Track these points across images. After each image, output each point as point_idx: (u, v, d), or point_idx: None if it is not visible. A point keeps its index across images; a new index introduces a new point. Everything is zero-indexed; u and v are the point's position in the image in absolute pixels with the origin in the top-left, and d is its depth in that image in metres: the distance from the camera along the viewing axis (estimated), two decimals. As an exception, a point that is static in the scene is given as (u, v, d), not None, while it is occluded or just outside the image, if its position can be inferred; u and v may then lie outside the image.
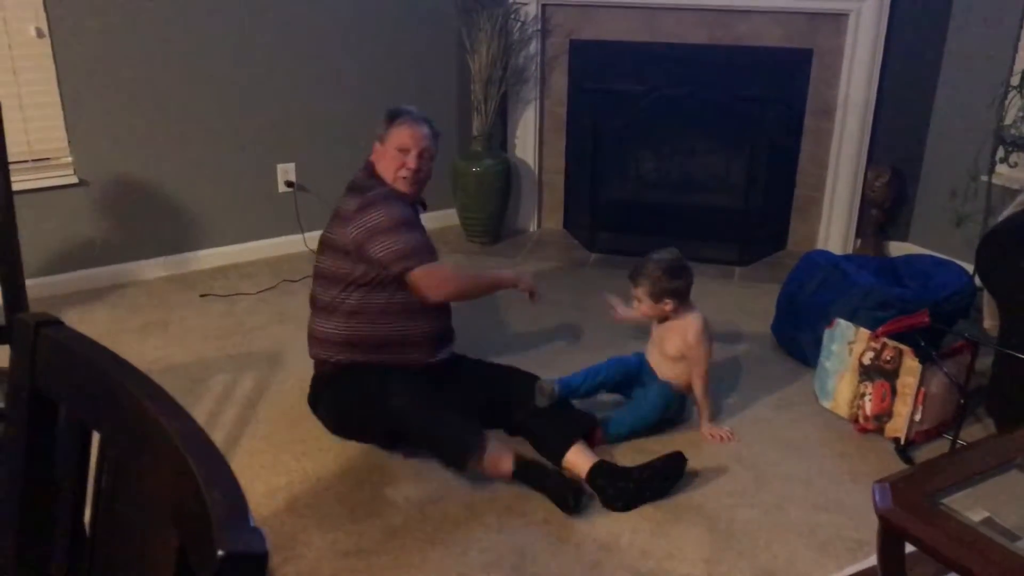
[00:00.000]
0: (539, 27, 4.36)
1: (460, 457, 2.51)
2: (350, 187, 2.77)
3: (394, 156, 2.73)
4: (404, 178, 2.73)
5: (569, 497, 2.44)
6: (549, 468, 2.56)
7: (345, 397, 2.71)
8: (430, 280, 2.67)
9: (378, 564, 2.26)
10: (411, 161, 2.73)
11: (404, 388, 2.57)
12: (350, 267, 2.68)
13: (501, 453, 2.52)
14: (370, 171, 2.78)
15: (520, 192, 4.67)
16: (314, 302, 2.79)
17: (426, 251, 2.68)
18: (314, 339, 2.79)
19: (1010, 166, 3.70)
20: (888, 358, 2.78)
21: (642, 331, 3.19)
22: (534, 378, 2.74)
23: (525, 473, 2.52)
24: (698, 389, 2.85)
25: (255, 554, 0.73)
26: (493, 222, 4.51)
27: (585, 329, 3.58)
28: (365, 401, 2.63)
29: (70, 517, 1.06)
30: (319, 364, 2.80)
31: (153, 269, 4.00)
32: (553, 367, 3.09)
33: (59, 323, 1.07)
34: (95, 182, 3.77)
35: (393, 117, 2.80)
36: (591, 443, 2.66)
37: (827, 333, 3.00)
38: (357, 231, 2.64)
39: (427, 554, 2.30)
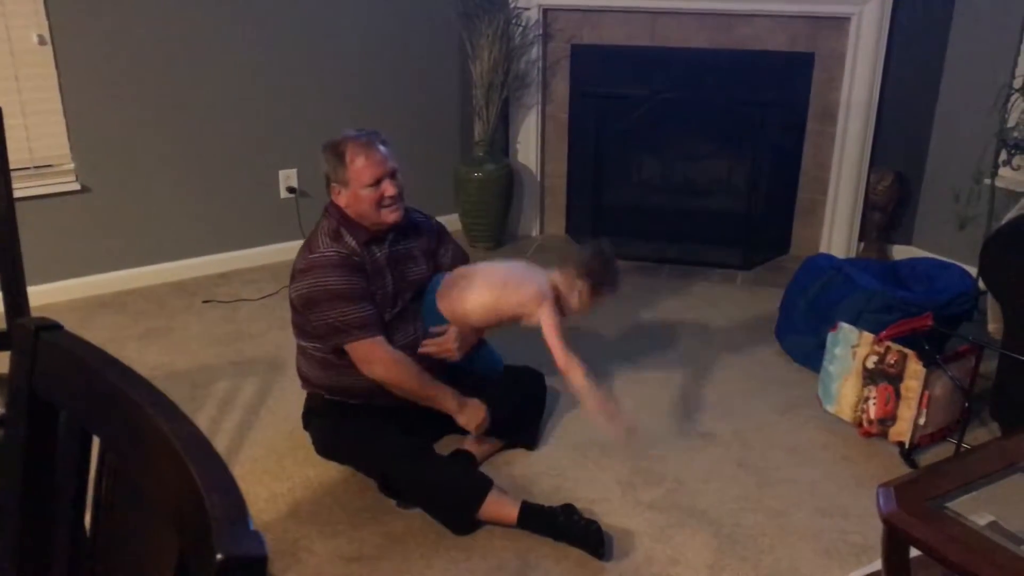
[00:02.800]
0: (540, 32, 4.36)
1: (461, 522, 2.38)
2: (308, 237, 2.57)
3: (367, 194, 2.48)
4: (389, 207, 2.51)
5: (590, 539, 2.28)
6: (559, 510, 2.36)
7: (334, 439, 2.60)
8: (362, 356, 2.46)
9: (380, 570, 2.26)
10: (388, 187, 2.50)
11: (391, 447, 2.45)
12: (304, 322, 2.54)
13: (504, 500, 2.38)
14: (337, 219, 2.53)
15: (522, 197, 4.67)
16: (296, 335, 2.63)
17: (362, 325, 2.44)
18: (299, 372, 2.67)
19: (1013, 169, 3.69)
20: (892, 362, 2.78)
21: (641, 331, 3.19)
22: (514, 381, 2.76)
23: (531, 519, 2.36)
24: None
25: (254, 558, 0.73)
26: (495, 227, 4.51)
27: (586, 332, 3.58)
28: (353, 452, 2.55)
29: (70, 522, 1.06)
30: (308, 393, 2.70)
31: (155, 275, 4.00)
32: (554, 372, 3.08)
33: (59, 328, 1.06)
34: (97, 189, 3.78)
35: (339, 152, 2.52)
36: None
37: (830, 337, 2.99)
38: (296, 294, 2.49)
39: (429, 560, 2.29)
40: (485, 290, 2.61)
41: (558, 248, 4.58)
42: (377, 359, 2.47)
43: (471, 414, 2.59)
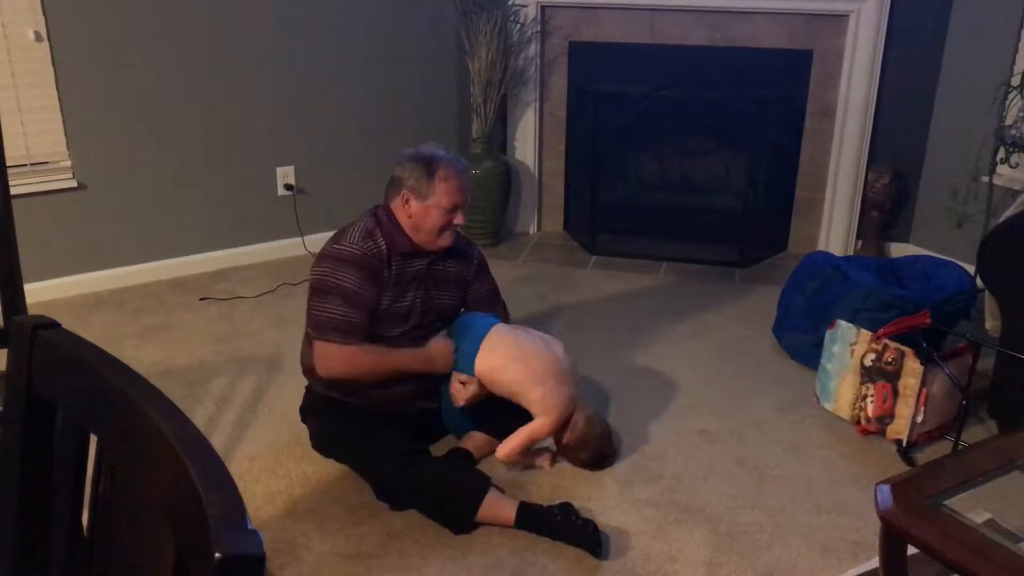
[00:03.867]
0: (538, 29, 4.36)
1: (459, 523, 2.38)
2: (343, 227, 2.56)
3: (438, 215, 2.47)
4: (448, 234, 2.51)
5: (587, 539, 2.28)
6: (556, 510, 2.36)
7: (332, 438, 2.59)
8: (324, 355, 2.46)
9: (378, 567, 2.25)
10: (460, 218, 2.49)
11: (387, 453, 2.43)
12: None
13: (502, 501, 2.38)
14: (387, 223, 2.50)
15: (520, 194, 4.67)
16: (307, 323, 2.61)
17: (342, 330, 2.43)
18: (302, 361, 2.66)
19: (1011, 167, 3.69)
20: (890, 359, 2.78)
21: (638, 329, 3.19)
22: None
23: (529, 520, 2.35)
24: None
25: (252, 556, 0.73)
26: (493, 225, 4.51)
27: (584, 329, 3.58)
28: (349, 454, 2.55)
29: (68, 520, 1.06)
30: (308, 386, 2.69)
31: (152, 273, 4.00)
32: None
33: (56, 326, 1.06)
34: (94, 186, 3.77)
35: (431, 167, 2.47)
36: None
37: (828, 335, 2.99)
38: (312, 277, 2.50)
39: (427, 558, 2.29)
40: (534, 384, 2.54)
41: (555, 245, 4.58)
42: (337, 357, 2.46)
43: (440, 358, 2.56)
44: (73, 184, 3.71)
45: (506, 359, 2.56)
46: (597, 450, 2.63)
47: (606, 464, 2.66)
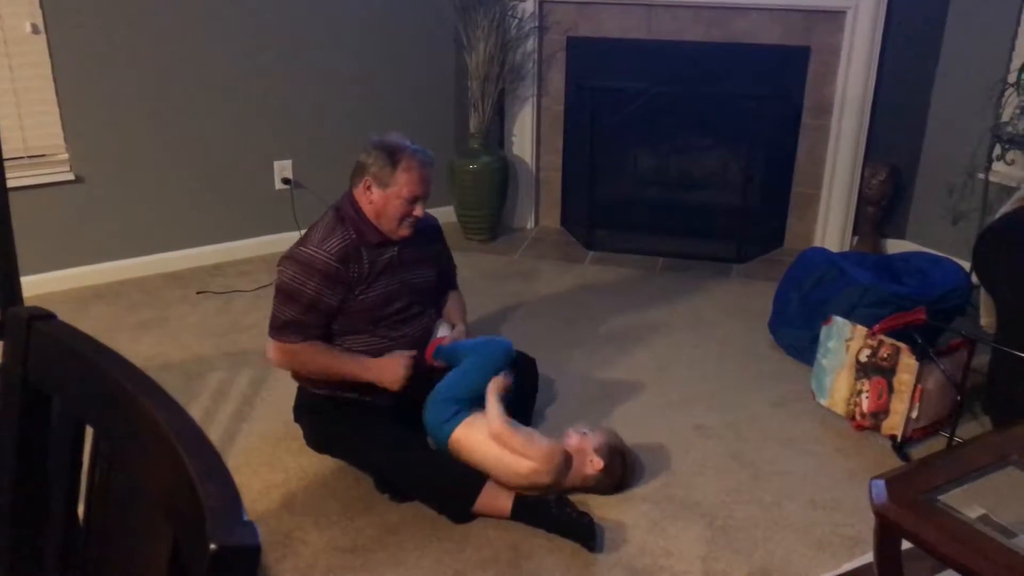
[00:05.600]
0: (536, 24, 4.36)
1: (458, 513, 2.39)
2: (313, 225, 2.56)
3: (398, 205, 2.47)
4: (407, 226, 2.51)
5: (581, 531, 2.28)
6: (551, 502, 2.37)
7: (326, 435, 2.59)
8: (271, 348, 2.54)
9: (374, 560, 2.26)
10: (419, 209, 2.50)
11: (385, 440, 2.46)
12: None
13: (499, 491, 2.39)
14: (353, 214, 2.51)
15: (517, 190, 4.67)
16: None
17: (296, 330, 2.47)
18: None
19: (1007, 163, 3.70)
20: (885, 355, 2.78)
21: (635, 324, 3.19)
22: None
23: (525, 512, 2.36)
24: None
25: (247, 547, 0.73)
26: (490, 220, 4.51)
27: (580, 325, 3.58)
28: (346, 447, 2.55)
29: (63, 511, 1.06)
30: (300, 385, 2.68)
31: (149, 266, 3.99)
32: (552, 364, 3.09)
33: (52, 317, 1.06)
34: (91, 179, 3.76)
35: (395, 156, 2.47)
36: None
37: (824, 330, 3.00)
38: (278, 277, 2.51)
39: (424, 550, 2.30)
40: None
41: (553, 241, 4.58)
42: (282, 353, 2.53)
43: (388, 374, 2.49)
44: (70, 177, 3.71)
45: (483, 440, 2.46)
46: (610, 489, 2.53)
47: (625, 488, 2.56)
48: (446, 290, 2.88)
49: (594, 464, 2.45)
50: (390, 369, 2.50)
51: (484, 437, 2.43)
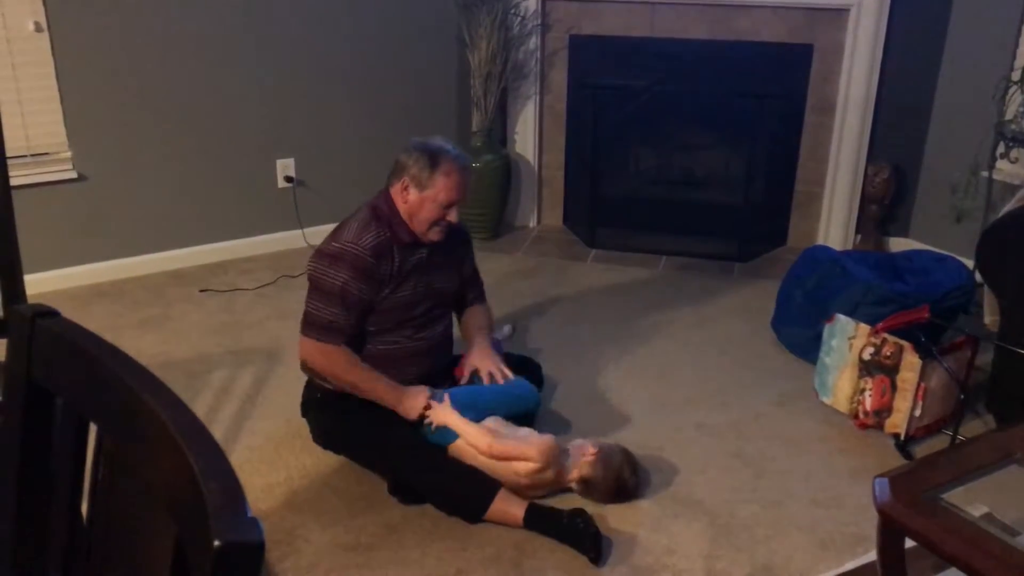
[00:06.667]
0: (539, 22, 4.35)
1: (476, 509, 2.37)
2: (345, 220, 2.55)
3: (433, 208, 2.48)
4: (439, 230, 2.52)
5: (587, 543, 2.25)
6: (563, 512, 2.34)
7: (339, 432, 2.58)
8: (303, 347, 2.52)
9: (377, 559, 2.26)
10: (453, 215, 2.51)
11: (400, 441, 2.46)
12: None
13: (511, 499, 2.37)
14: (387, 212, 2.51)
15: (520, 188, 4.66)
16: None
17: (331, 331, 2.46)
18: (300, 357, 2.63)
19: (1011, 162, 3.69)
20: (888, 354, 2.78)
21: (637, 323, 3.19)
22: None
23: (537, 521, 2.34)
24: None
25: (251, 544, 0.73)
26: (493, 218, 4.51)
27: (583, 323, 3.58)
28: (359, 446, 2.55)
29: (67, 508, 1.06)
30: (308, 381, 2.68)
31: (152, 264, 4.00)
32: (554, 363, 3.09)
33: (56, 314, 1.06)
34: (94, 177, 3.77)
35: (435, 160, 2.48)
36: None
37: (827, 329, 2.99)
38: (311, 272, 2.50)
39: (426, 549, 2.30)
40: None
41: (555, 239, 4.58)
42: (316, 353, 2.50)
43: (408, 404, 2.50)
44: (73, 175, 3.71)
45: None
46: (611, 489, 2.49)
47: (629, 497, 2.52)
48: (473, 302, 2.86)
49: (588, 452, 2.45)
50: (411, 402, 2.50)
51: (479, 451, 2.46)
